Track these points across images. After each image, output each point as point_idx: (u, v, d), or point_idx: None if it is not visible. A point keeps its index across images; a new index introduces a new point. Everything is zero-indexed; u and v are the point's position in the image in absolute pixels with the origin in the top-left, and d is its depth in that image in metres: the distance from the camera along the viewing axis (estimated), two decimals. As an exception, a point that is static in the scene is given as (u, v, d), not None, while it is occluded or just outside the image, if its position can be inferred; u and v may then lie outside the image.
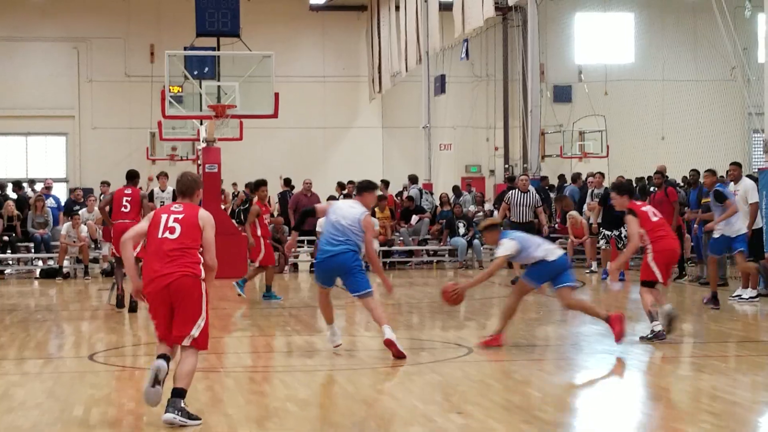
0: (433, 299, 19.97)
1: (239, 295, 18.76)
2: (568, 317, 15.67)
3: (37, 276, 25.92)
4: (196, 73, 25.50)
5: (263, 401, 9.94)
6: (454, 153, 41.73)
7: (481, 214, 30.37)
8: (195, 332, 9.07)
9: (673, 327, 13.54)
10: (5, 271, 26.71)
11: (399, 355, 12.17)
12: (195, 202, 9.55)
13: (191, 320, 9.08)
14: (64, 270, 25.45)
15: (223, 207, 26.97)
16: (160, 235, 9.17)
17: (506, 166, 42.01)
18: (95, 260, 26.86)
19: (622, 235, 22.60)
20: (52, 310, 18.72)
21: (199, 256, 9.20)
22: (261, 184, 19.67)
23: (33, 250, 26.94)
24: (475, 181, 42.20)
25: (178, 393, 8.91)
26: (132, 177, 18.41)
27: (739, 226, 17.85)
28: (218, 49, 27.02)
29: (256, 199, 19.79)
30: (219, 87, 25.00)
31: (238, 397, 10.11)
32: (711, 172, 19.93)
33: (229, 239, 22.51)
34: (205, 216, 9.32)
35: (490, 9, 30.59)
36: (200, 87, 24.70)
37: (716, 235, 17.96)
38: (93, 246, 26.73)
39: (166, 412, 8.80)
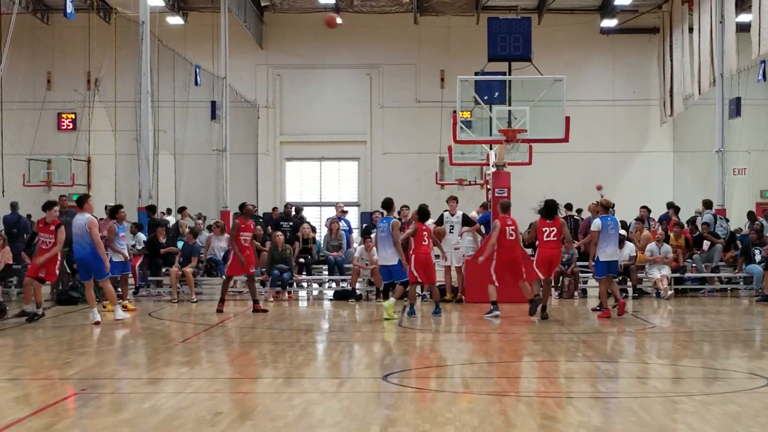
0: (727, 328, 19.44)
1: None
2: None
3: (331, 297, 26.55)
4: (486, 97, 25.62)
5: (556, 426, 9.84)
6: (748, 177, 40.46)
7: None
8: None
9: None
10: (300, 293, 27.56)
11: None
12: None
13: (520, 275, 20.49)
14: (357, 292, 26.03)
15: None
16: (506, 237, 20.35)
17: (802, 191, 40.59)
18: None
19: None
20: (346, 331, 19.13)
21: (520, 244, 20.82)
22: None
23: (327, 272, 27.63)
24: (771, 207, 40.85)
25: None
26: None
27: None
28: (509, 74, 27.08)
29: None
30: (509, 111, 25.04)
31: (531, 421, 10.05)
32: None
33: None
34: (515, 222, 20.86)
35: (790, 28, 29.65)
36: (491, 111, 24.81)
37: None
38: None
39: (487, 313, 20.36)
